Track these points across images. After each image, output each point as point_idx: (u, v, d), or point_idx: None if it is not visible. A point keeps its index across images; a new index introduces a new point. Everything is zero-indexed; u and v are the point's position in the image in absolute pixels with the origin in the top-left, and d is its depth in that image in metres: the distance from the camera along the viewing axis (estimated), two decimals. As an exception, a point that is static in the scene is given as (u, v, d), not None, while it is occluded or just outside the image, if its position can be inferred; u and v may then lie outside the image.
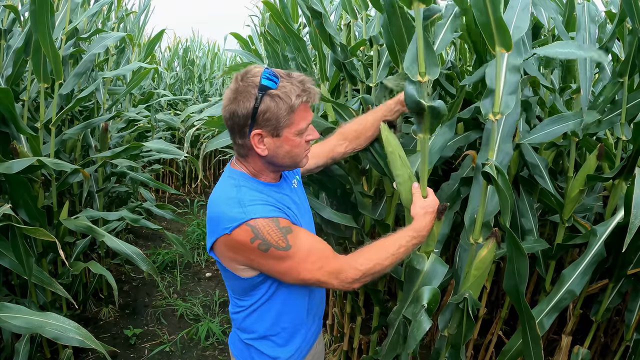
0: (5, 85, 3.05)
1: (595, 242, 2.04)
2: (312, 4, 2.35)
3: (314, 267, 1.51)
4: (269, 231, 1.43)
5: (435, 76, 1.56)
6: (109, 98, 4.41)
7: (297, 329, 1.71)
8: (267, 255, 1.45)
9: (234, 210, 1.44)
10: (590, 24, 2.20)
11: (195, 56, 10.17)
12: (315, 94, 1.49)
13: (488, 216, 1.77)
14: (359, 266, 1.55)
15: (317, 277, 1.52)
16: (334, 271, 1.53)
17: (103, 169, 4.20)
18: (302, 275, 1.52)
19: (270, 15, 3.44)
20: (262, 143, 1.48)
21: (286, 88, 1.42)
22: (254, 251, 1.45)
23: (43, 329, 1.85)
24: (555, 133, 2.07)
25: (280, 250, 1.45)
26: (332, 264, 1.54)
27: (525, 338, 1.72)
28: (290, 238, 1.46)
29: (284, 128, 1.46)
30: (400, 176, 1.75)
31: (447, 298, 2.82)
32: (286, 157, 1.52)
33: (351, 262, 1.57)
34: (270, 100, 1.41)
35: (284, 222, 1.47)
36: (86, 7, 4.02)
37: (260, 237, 1.42)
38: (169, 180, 8.93)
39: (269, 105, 1.41)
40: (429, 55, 1.55)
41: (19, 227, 2.23)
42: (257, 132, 1.45)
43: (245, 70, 1.46)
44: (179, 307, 4.46)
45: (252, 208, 1.44)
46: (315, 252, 1.52)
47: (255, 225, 1.42)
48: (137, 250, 3.05)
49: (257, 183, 1.56)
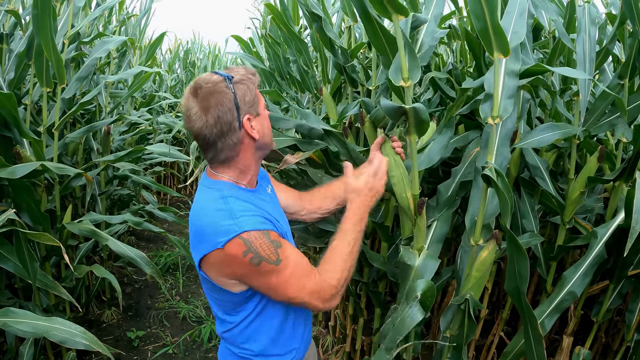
0: (7, 89, 3.06)
1: (596, 244, 2.05)
2: (312, 7, 2.37)
3: (299, 284, 1.49)
4: (261, 244, 1.41)
5: (416, 80, 1.61)
6: (110, 101, 4.42)
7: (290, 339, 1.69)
8: (257, 270, 1.43)
9: (225, 223, 1.41)
10: (590, 26, 2.21)
11: (196, 58, 10.20)
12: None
13: (488, 218, 1.79)
14: (332, 281, 1.53)
15: (302, 296, 1.51)
16: (316, 290, 1.51)
17: (105, 172, 4.21)
18: (289, 294, 1.50)
19: (271, 18, 3.45)
20: (252, 127, 1.50)
21: (239, 72, 1.50)
22: (245, 265, 1.42)
23: (49, 334, 1.86)
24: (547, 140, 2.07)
25: (271, 264, 1.43)
26: (313, 282, 1.51)
27: (528, 339, 1.73)
28: (280, 252, 1.45)
29: (258, 105, 1.52)
30: (395, 176, 1.81)
31: (449, 299, 2.83)
32: (268, 133, 1.58)
33: (325, 279, 1.53)
34: (240, 85, 1.47)
35: (273, 235, 1.46)
36: (87, 11, 4.04)
37: (253, 251, 1.40)
38: (170, 182, 8.95)
39: (242, 89, 1.47)
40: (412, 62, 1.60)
41: (23, 231, 2.24)
42: (247, 117, 1.48)
43: (192, 87, 1.47)
44: (181, 309, 4.48)
45: (243, 220, 1.42)
46: (299, 269, 1.50)
47: (249, 238, 1.40)
48: (141, 254, 3.07)
49: (242, 191, 1.55)
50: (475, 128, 2.34)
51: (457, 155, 2.38)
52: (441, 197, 2.12)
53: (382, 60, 1.76)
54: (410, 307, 1.61)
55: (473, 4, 1.47)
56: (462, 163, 2.21)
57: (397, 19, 1.55)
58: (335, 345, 3.43)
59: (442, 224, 2.04)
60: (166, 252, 5.73)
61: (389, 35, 1.75)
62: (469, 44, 2.40)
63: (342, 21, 3.38)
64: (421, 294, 1.62)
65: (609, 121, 2.22)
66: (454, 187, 2.16)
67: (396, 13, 1.54)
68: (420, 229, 1.80)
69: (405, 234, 2.10)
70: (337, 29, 3.38)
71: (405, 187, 1.79)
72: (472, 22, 2.50)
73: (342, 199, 1.90)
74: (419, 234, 1.81)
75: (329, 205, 1.92)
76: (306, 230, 2.69)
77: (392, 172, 1.81)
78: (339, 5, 3.53)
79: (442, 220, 2.04)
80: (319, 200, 1.93)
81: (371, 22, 1.72)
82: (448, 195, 2.14)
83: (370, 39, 1.77)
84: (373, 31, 1.73)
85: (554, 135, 2.04)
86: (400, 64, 1.59)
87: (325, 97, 2.80)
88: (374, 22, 1.72)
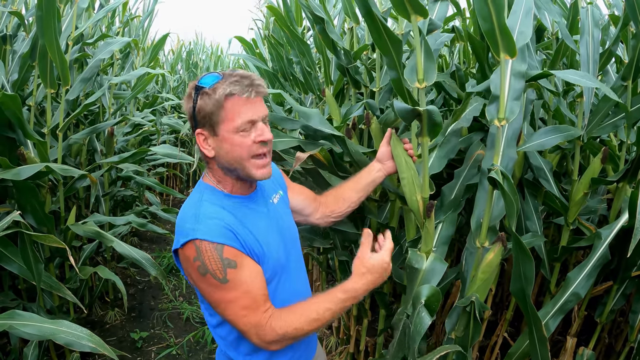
0: (11, 90, 3.07)
1: (599, 245, 2.06)
2: (314, 9, 2.37)
3: (240, 312, 1.43)
4: (210, 257, 1.38)
5: (432, 81, 1.61)
6: (114, 102, 4.43)
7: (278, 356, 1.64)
8: (203, 280, 1.41)
9: (187, 226, 1.42)
10: (594, 28, 2.21)
11: (199, 59, 10.21)
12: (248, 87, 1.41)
13: (494, 220, 1.79)
14: (277, 329, 1.43)
15: (239, 323, 1.45)
16: (255, 325, 1.43)
17: (109, 173, 4.22)
18: (226, 314, 1.46)
19: (274, 19, 3.45)
20: (206, 143, 1.47)
21: (217, 85, 1.40)
22: (194, 270, 1.42)
23: (56, 336, 1.86)
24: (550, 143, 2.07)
25: (216, 280, 1.39)
26: (257, 316, 1.43)
27: (532, 340, 1.73)
28: (229, 272, 1.39)
29: (218, 125, 1.42)
30: (405, 178, 1.80)
31: (452, 300, 2.83)
32: (229, 158, 1.45)
33: (272, 322, 1.44)
34: (201, 98, 1.42)
35: (229, 252, 1.40)
36: (91, 12, 4.04)
37: (201, 260, 1.38)
38: (173, 183, 8.96)
39: (200, 103, 1.42)
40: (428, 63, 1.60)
41: (28, 233, 2.25)
42: (198, 131, 1.47)
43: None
44: (184, 310, 4.48)
45: (202, 227, 1.40)
46: (247, 298, 1.43)
47: (200, 246, 1.39)
48: (146, 255, 3.07)
49: (222, 196, 1.52)
50: (479, 130, 2.34)
51: (460, 157, 2.38)
52: (446, 199, 2.13)
53: (385, 61, 1.76)
54: (418, 312, 1.61)
55: (479, 4, 1.47)
56: (465, 164, 2.21)
57: (416, 20, 1.56)
58: (339, 346, 3.43)
59: (447, 226, 2.04)
60: (169, 253, 5.73)
61: (393, 36, 1.75)
62: (472, 46, 2.40)
63: (345, 22, 3.39)
64: (426, 299, 1.62)
65: (612, 122, 2.22)
66: (458, 189, 2.16)
67: (415, 14, 1.55)
68: (429, 231, 1.79)
69: (410, 236, 2.11)
70: (340, 30, 3.38)
71: (415, 189, 1.78)
72: (474, 24, 2.51)
73: (353, 202, 1.92)
74: (427, 236, 1.80)
75: (341, 208, 1.92)
76: (312, 230, 2.70)
77: (402, 173, 1.81)
78: (340, 7, 3.54)
79: (447, 222, 2.04)
80: (332, 204, 1.93)
81: (375, 22, 1.72)
82: (453, 196, 2.14)
83: (374, 39, 1.77)
84: (377, 31, 1.73)
85: (557, 139, 2.04)
86: (417, 64, 1.59)
87: (328, 99, 2.81)
88: (378, 22, 1.72)
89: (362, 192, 1.93)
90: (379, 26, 1.67)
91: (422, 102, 1.66)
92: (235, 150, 1.44)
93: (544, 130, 2.10)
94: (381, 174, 1.92)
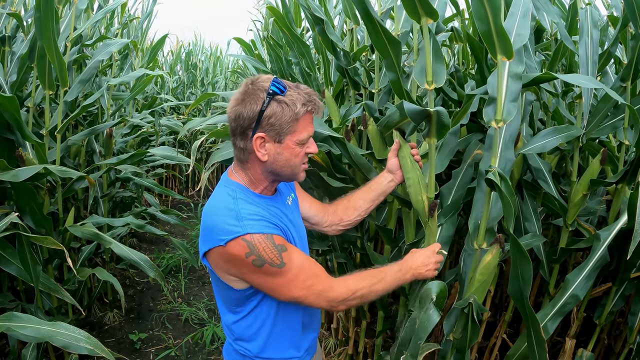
0: (9, 91, 3.06)
1: (598, 246, 2.05)
2: (314, 10, 2.37)
3: (305, 284, 1.53)
4: (265, 248, 1.44)
5: (441, 83, 1.61)
6: (112, 103, 4.43)
7: (291, 342, 1.71)
8: (260, 271, 1.47)
9: (231, 223, 1.45)
10: (592, 29, 2.21)
11: (198, 60, 10.20)
12: (319, 107, 1.52)
13: (492, 222, 1.79)
14: (349, 286, 1.59)
15: (307, 295, 1.55)
16: (324, 290, 1.56)
17: (107, 175, 4.22)
18: (292, 293, 1.54)
19: (273, 20, 3.45)
20: (263, 147, 1.50)
21: (293, 96, 1.46)
22: (247, 265, 1.46)
23: (53, 338, 1.86)
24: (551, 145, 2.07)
25: (274, 267, 1.46)
26: (323, 282, 1.57)
27: (530, 342, 1.73)
28: (284, 256, 1.48)
29: (286, 135, 1.49)
30: (411, 179, 1.81)
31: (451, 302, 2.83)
32: (285, 165, 1.54)
33: (342, 282, 1.61)
34: (277, 105, 1.45)
35: (278, 239, 1.49)
36: (89, 14, 4.04)
37: (256, 253, 1.44)
38: (172, 184, 8.96)
39: (275, 110, 1.45)
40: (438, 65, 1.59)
41: (26, 235, 2.24)
42: (260, 135, 1.48)
43: (256, 76, 1.51)
44: (183, 311, 4.47)
45: (249, 223, 1.45)
46: (306, 270, 1.54)
47: (252, 240, 1.43)
48: (145, 257, 3.07)
49: (253, 195, 1.57)
50: (477, 131, 2.34)
51: (458, 158, 2.38)
52: (445, 200, 2.13)
53: (384, 63, 1.76)
54: (426, 310, 1.61)
55: (476, 6, 1.47)
56: (463, 165, 2.21)
57: (426, 21, 1.57)
58: (337, 347, 3.42)
59: (447, 227, 2.05)
60: (168, 254, 5.73)
61: (392, 38, 1.75)
62: (471, 47, 2.40)
63: (344, 24, 3.39)
64: (436, 296, 1.62)
65: (612, 124, 2.22)
66: (456, 189, 2.16)
67: (426, 16, 1.56)
68: (432, 230, 1.80)
69: (409, 239, 2.10)
70: (339, 31, 3.37)
71: (421, 189, 1.79)
72: (474, 25, 2.51)
73: (362, 211, 1.95)
74: (430, 235, 1.81)
75: (350, 216, 1.96)
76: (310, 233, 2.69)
77: (407, 174, 1.82)
78: (340, 8, 3.54)
79: (447, 222, 2.04)
80: (342, 212, 1.96)
81: (373, 24, 1.72)
82: (452, 197, 2.14)
83: (372, 40, 1.77)
84: (375, 32, 1.73)
85: (558, 140, 2.04)
86: (426, 66, 1.60)
87: (328, 100, 2.81)
88: (376, 23, 1.72)
89: (372, 202, 1.96)
90: (378, 28, 1.67)
91: (431, 103, 1.66)
92: (292, 160, 1.54)
93: (544, 133, 2.10)
94: (393, 184, 1.94)
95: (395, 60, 1.78)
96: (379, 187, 1.94)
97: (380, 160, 2.29)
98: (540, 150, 2.08)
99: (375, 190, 1.94)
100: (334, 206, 1.98)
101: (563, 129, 2.10)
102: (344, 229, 1.99)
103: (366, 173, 2.20)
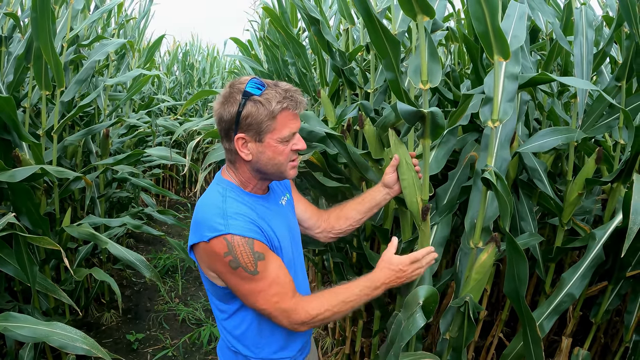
0: (6, 92, 3.06)
1: (594, 245, 2.06)
2: (309, 10, 2.37)
3: (272, 300, 1.53)
4: (242, 252, 1.46)
5: (436, 83, 1.61)
6: (109, 104, 4.43)
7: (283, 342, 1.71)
8: (234, 273, 1.49)
9: (217, 221, 1.47)
10: (587, 29, 2.21)
11: (195, 60, 10.20)
12: (299, 103, 1.53)
13: (488, 221, 1.79)
14: (310, 310, 1.57)
15: (270, 310, 1.55)
16: (287, 309, 1.55)
17: (104, 175, 4.21)
18: (258, 303, 1.54)
19: (269, 21, 3.45)
20: (245, 147, 1.53)
21: (269, 95, 1.48)
22: (224, 265, 1.48)
23: (49, 339, 1.86)
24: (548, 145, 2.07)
25: (247, 273, 1.48)
26: (288, 302, 1.55)
27: (526, 341, 1.74)
28: (260, 264, 1.49)
29: (265, 133, 1.50)
30: (406, 180, 1.81)
31: (448, 301, 2.84)
32: (269, 163, 1.55)
33: (304, 305, 1.58)
34: (253, 105, 1.47)
35: (259, 246, 1.49)
36: (86, 14, 4.04)
37: (233, 254, 1.45)
38: (169, 184, 8.95)
39: (250, 110, 1.47)
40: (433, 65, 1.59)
41: (23, 235, 2.24)
42: (240, 136, 1.50)
43: (237, 78, 1.54)
44: (180, 311, 4.48)
45: (233, 222, 1.47)
46: (277, 286, 1.54)
47: (232, 241, 1.45)
48: (141, 257, 3.07)
49: (243, 193, 1.59)
50: (474, 130, 2.35)
51: (454, 158, 2.39)
52: (440, 201, 2.13)
53: (383, 62, 1.76)
54: (412, 313, 1.61)
55: (473, 6, 1.47)
56: (459, 166, 2.22)
57: (422, 19, 1.56)
58: (334, 347, 3.43)
59: (442, 227, 2.05)
60: (165, 255, 5.73)
61: (391, 37, 1.75)
62: (467, 47, 2.41)
63: (340, 24, 3.39)
64: (424, 300, 1.62)
65: (607, 123, 2.22)
66: (452, 190, 2.17)
67: (422, 13, 1.55)
68: (425, 233, 1.80)
69: (406, 237, 2.11)
70: (335, 31, 3.38)
71: (415, 191, 1.79)
72: (470, 25, 2.52)
73: (355, 221, 1.95)
74: (424, 238, 1.80)
75: (342, 226, 1.95)
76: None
77: (403, 175, 1.81)
78: (336, 8, 3.54)
79: (442, 223, 2.05)
80: (334, 220, 1.96)
81: (373, 24, 1.72)
82: (447, 198, 2.14)
83: (372, 40, 1.77)
84: (375, 33, 1.73)
85: (556, 141, 2.04)
86: (421, 65, 1.60)
87: (324, 100, 2.81)
88: (377, 23, 1.72)
89: (365, 213, 1.95)
90: (378, 28, 1.67)
91: (425, 104, 1.66)
92: (276, 158, 1.55)
93: (543, 133, 2.11)
94: (388, 197, 1.93)
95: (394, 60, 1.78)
96: (373, 200, 1.94)
97: (376, 160, 2.29)
98: (538, 150, 2.09)
99: (369, 202, 1.94)
100: (327, 213, 1.99)
101: (562, 130, 2.11)
102: (336, 237, 1.99)
103: (363, 172, 2.20)
